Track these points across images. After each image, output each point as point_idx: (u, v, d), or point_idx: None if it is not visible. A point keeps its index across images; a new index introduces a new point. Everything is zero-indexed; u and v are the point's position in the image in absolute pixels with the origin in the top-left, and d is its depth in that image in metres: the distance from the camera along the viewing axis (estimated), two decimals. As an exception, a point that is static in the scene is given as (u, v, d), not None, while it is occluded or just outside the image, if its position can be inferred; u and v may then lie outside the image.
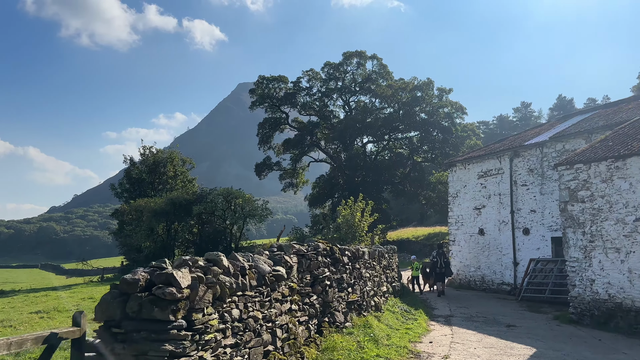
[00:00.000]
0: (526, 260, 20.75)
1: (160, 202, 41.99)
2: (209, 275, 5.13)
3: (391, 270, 16.40)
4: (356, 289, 10.59)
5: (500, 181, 22.41)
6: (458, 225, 24.60)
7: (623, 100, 22.22)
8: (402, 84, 55.28)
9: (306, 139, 58.94)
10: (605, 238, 13.40)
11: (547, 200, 20.15)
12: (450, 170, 25.62)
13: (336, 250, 9.63)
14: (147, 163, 53.94)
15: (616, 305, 13.07)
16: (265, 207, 39.30)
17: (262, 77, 58.55)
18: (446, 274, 21.02)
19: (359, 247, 11.33)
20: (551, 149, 20.10)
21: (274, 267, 6.92)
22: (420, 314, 14.19)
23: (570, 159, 14.65)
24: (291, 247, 7.93)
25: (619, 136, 14.72)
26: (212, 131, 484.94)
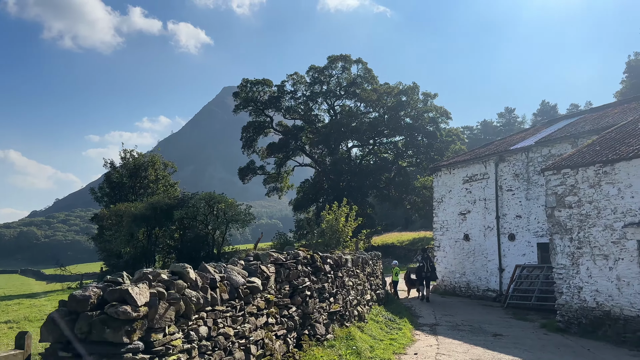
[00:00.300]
0: (512, 266, 20.49)
1: (140, 207, 41.17)
2: (172, 290, 4.62)
3: (375, 278, 15.97)
4: (338, 299, 10.12)
5: (486, 186, 22.17)
6: (443, 231, 24.29)
7: (608, 105, 22.17)
8: (387, 88, 55.16)
9: (291, 143, 58.47)
10: (593, 244, 13.13)
11: (532, 206, 19.93)
12: (435, 175, 25.34)
13: (317, 258, 9.16)
14: (127, 167, 52.99)
15: (604, 313, 12.79)
16: (248, 211, 38.68)
17: (245, 81, 57.96)
18: (431, 278, 20.77)
19: (341, 255, 10.87)
20: (537, 154, 19.90)
21: (248, 278, 6.42)
22: (405, 323, 13.76)
23: (557, 164, 14.39)
24: (268, 256, 7.44)
25: (606, 141, 14.51)
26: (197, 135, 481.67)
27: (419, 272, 20.67)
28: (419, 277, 20.68)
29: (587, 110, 22.30)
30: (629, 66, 56.36)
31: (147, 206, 40.94)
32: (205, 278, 5.34)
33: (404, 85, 55.56)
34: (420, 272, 20.56)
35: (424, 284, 20.48)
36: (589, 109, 22.31)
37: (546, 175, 14.74)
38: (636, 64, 55.51)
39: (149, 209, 40.42)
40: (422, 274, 20.43)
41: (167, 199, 41.54)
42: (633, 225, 12.09)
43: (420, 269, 20.53)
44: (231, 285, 5.91)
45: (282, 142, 58.87)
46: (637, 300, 12.03)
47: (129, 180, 52.69)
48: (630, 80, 54.40)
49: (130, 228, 40.72)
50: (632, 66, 55.61)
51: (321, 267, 9.25)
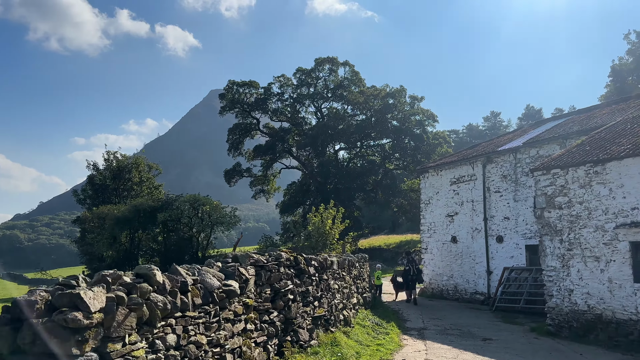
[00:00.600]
0: (500, 268, 20.22)
1: (123, 209, 40.37)
2: (135, 294, 4.14)
3: (362, 281, 15.55)
4: (323, 303, 9.68)
5: (473, 188, 21.90)
6: (430, 233, 23.97)
7: (596, 106, 22.05)
8: (374, 90, 54.91)
9: (277, 145, 57.91)
10: (584, 246, 12.85)
11: (521, 207, 19.68)
12: (423, 176, 25.04)
13: (301, 260, 8.71)
14: (111, 169, 52.06)
15: (596, 316, 12.50)
16: (233, 214, 38.08)
17: (232, 82, 57.30)
18: (417, 281, 20.79)
19: (327, 257, 10.43)
20: (525, 155, 19.67)
21: (225, 281, 5.95)
22: (393, 328, 13.35)
23: (547, 164, 14.12)
24: (248, 258, 6.97)
25: (596, 141, 14.28)
26: (183, 138, 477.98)
27: (405, 275, 20.77)
28: (405, 280, 20.71)
29: (575, 111, 22.18)
30: (614, 70, 56.80)
31: (130, 208, 40.16)
32: (175, 281, 4.86)
33: (391, 88, 55.38)
34: (407, 275, 20.66)
35: (411, 287, 20.50)
36: (576, 110, 22.19)
37: (535, 175, 14.46)
38: (620, 68, 55.99)
39: (132, 212, 39.64)
40: (408, 277, 20.50)
41: (150, 201, 40.75)
42: (625, 226, 11.82)
43: (407, 272, 20.66)
44: (205, 289, 5.44)
45: (269, 144, 58.30)
46: (629, 303, 11.76)
47: (112, 183, 51.77)
48: (614, 84, 54.84)
49: (112, 231, 39.91)
50: (617, 70, 56.07)
51: (305, 270, 8.80)
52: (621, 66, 56.76)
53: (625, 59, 57.78)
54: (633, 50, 56.72)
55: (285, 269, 7.97)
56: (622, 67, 56.51)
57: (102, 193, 51.86)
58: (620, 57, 59.24)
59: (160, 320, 4.38)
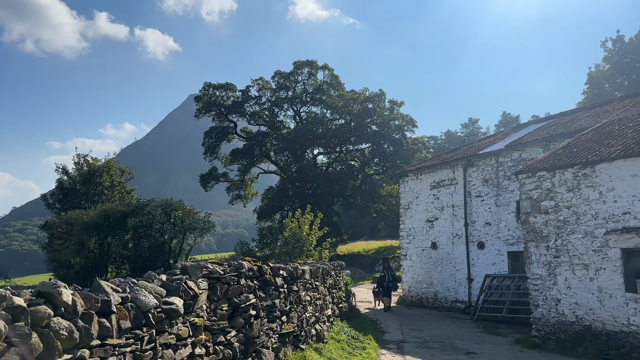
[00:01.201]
0: (481, 276, 19.51)
1: (92, 214, 38.74)
2: (23, 320, 3.11)
3: (338, 290, 14.61)
4: (292, 317, 8.69)
5: (454, 192, 21.20)
6: (410, 239, 23.19)
7: (579, 109, 21.62)
8: (353, 94, 54.30)
9: (255, 149, 56.78)
10: (572, 253, 12.14)
11: (503, 212, 19.01)
12: (402, 180, 24.28)
13: (266, 270, 7.73)
14: (81, 173, 50.27)
15: (585, 328, 11.77)
16: (207, 219, 36.78)
17: (208, 84, 56.04)
18: (393, 288, 20.42)
19: (297, 266, 9.46)
20: (507, 158, 19.04)
21: (166, 297, 4.94)
22: (370, 341, 12.42)
23: (532, 166, 13.42)
24: (200, 269, 5.96)
25: (582, 142, 13.64)
26: (161, 142, 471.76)
27: (381, 282, 20.36)
28: (380, 287, 20.31)
29: (557, 114, 21.72)
30: (590, 77, 57.21)
31: (99, 214, 38.55)
32: (92, 301, 3.84)
33: (371, 92, 54.85)
34: (382, 282, 20.23)
35: (386, 294, 20.08)
36: (559, 114, 21.73)
37: (520, 178, 13.75)
38: (597, 75, 56.41)
39: (102, 217, 38.06)
40: (384, 284, 20.07)
41: (121, 206, 39.21)
42: (616, 232, 11.14)
43: (382, 278, 20.25)
44: (137, 309, 4.42)
45: (246, 149, 57.13)
46: (620, 313, 11.05)
47: (83, 187, 49.97)
48: (592, 91, 55.16)
49: (80, 237, 38.26)
50: (594, 77, 56.49)
51: (271, 281, 7.81)
52: (597, 73, 57.19)
53: (602, 66, 58.24)
54: (609, 58, 57.17)
55: (247, 280, 6.98)
56: (598, 74, 56.93)
57: (71, 198, 50.03)
58: (597, 65, 59.70)
59: (62, 353, 3.36)
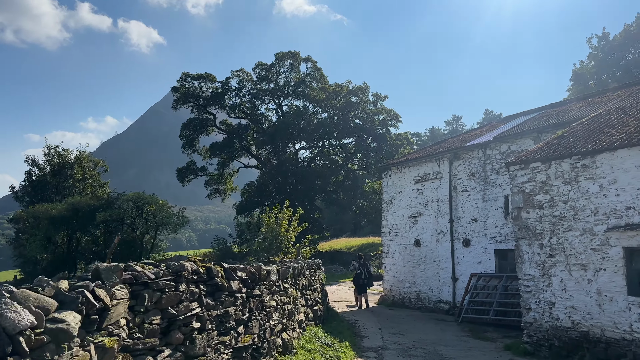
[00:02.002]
0: (466, 275, 18.43)
1: (60, 208, 36.92)
2: None
3: (313, 291, 13.33)
4: (252, 327, 7.39)
5: (439, 186, 20.06)
6: (392, 236, 22.02)
7: (571, 100, 20.64)
8: (336, 87, 53.00)
9: (235, 142, 55.15)
10: (569, 252, 11.03)
11: (490, 208, 17.92)
12: (385, 174, 23.08)
13: (218, 272, 6.41)
14: (51, 164, 48.21)
15: (582, 334, 10.68)
16: (181, 214, 35.26)
17: (186, 74, 54.21)
18: (368, 285, 19.97)
19: (261, 266, 8.15)
20: (495, 151, 17.94)
21: (55, 313, 3.60)
22: (346, 348, 11.18)
23: (526, 157, 12.28)
24: (117, 272, 4.62)
25: (579, 132, 12.55)
26: (142, 137, 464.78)
27: (357, 279, 19.90)
28: (356, 284, 19.92)
29: (547, 106, 20.70)
30: (575, 74, 56.79)
31: (67, 207, 36.76)
32: None
33: (354, 85, 53.60)
34: (358, 279, 19.82)
35: (362, 291, 19.80)
36: (549, 105, 20.71)
37: (512, 170, 12.61)
38: (582, 71, 55.99)
39: (70, 211, 36.28)
40: (360, 281, 19.69)
41: (90, 199, 37.44)
42: (618, 229, 10.04)
43: (358, 275, 19.81)
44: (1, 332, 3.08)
45: (226, 142, 55.44)
46: (622, 319, 9.97)
47: (53, 179, 47.93)
48: (576, 87, 54.68)
49: (47, 231, 36.44)
50: (578, 74, 56.06)
51: (223, 285, 6.50)
52: (582, 70, 56.77)
53: (587, 63, 57.86)
54: (594, 55, 56.81)
55: (189, 286, 5.66)
56: (583, 70, 56.52)
57: (41, 190, 47.96)
58: (582, 61, 59.36)
59: None
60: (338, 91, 52.38)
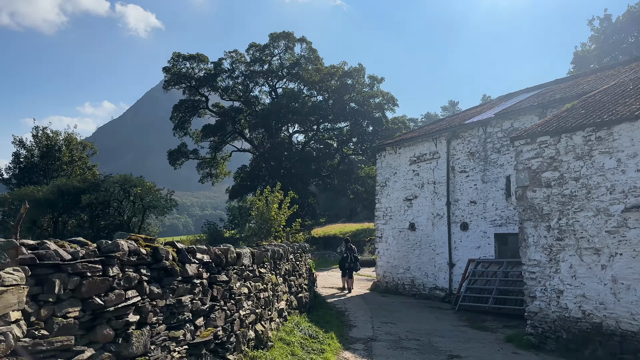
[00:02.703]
0: (464, 261, 17.38)
1: (45, 190, 35.68)
2: None
3: (298, 277, 12.24)
4: (216, 319, 6.27)
5: (436, 167, 18.93)
6: (386, 219, 20.93)
7: (578, 75, 19.44)
8: (331, 68, 51.54)
9: (228, 125, 53.77)
10: (580, 235, 9.94)
11: (490, 190, 16.81)
12: (379, 155, 21.92)
13: (167, 253, 5.27)
14: (39, 146, 46.81)
15: (593, 326, 9.63)
16: (169, 197, 34.08)
17: (177, 54, 52.62)
18: (354, 269, 19.95)
19: (229, 247, 7.02)
20: (497, 129, 16.78)
21: None
22: (331, 340, 10.11)
23: (532, 130, 11.12)
24: (9, 249, 3.47)
25: (592, 104, 11.39)
26: (139, 121, 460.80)
27: (342, 263, 19.92)
28: (342, 268, 19.92)
29: (551, 82, 19.50)
30: (577, 56, 55.48)
31: (52, 189, 35.49)
32: None
33: (350, 67, 52.16)
34: (343, 263, 19.82)
35: (349, 276, 19.84)
36: (553, 80, 19.50)
37: (516, 146, 11.47)
38: (583, 54, 54.71)
39: (55, 193, 35.02)
40: (346, 265, 19.71)
41: (76, 181, 36.19)
42: (637, 209, 8.93)
43: (344, 259, 19.81)
44: None
45: (219, 124, 54.09)
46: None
47: (41, 161, 46.58)
48: (577, 70, 53.37)
49: (31, 214, 35.19)
50: (580, 57, 54.77)
51: (175, 269, 5.36)
52: (584, 52, 55.45)
53: (589, 46, 56.51)
54: (596, 37, 55.45)
55: (124, 269, 4.52)
56: (585, 53, 55.19)
57: (28, 173, 46.63)
58: (583, 44, 58.04)
59: None
60: (333, 72, 50.95)
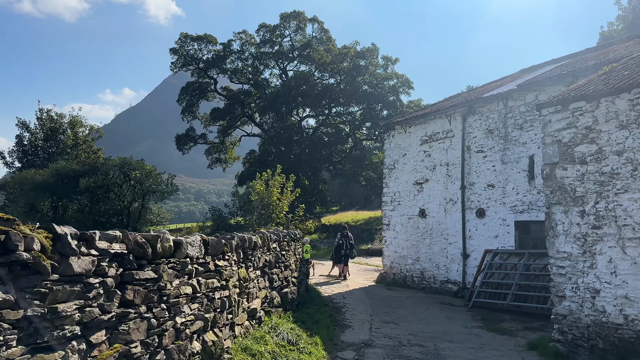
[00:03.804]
0: (480, 251, 15.49)
1: (43, 174, 34.56)
2: None
3: (283, 269, 10.52)
4: (129, 331, 4.58)
5: (449, 147, 16.99)
6: (394, 205, 19.09)
7: (611, 42, 17.29)
8: (343, 49, 49.38)
9: (237, 108, 52.12)
10: (623, 222, 8.02)
11: (510, 172, 14.83)
12: (388, 135, 20.03)
13: (32, 240, 3.56)
14: (44, 128, 45.75)
15: (638, 334, 7.75)
16: (170, 182, 32.60)
17: (185, 35, 50.99)
18: (350, 256, 19.57)
19: (162, 235, 5.31)
20: (519, 102, 14.74)
21: None
22: (315, 347, 8.39)
23: (565, 96, 9.16)
24: None
25: (635, 65, 9.36)
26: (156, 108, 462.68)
27: (338, 250, 19.35)
28: (338, 255, 19.36)
29: (581, 51, 17.35)
30: (602, 37, 52.21)
31: (51, 173, 34.32)
32: None
33: (362, 47, 49.91)
34: (339, 250, 19.27)
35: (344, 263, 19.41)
36: (583, 50, 17.37)
37: (544, 115, 9.51)
38: (610, 34, 51.58)
39: (54, 177, 33.83)
40: (341, 252, 19.16)
41: (75, 164, 34.95)
42: (703, 189, 6.97)
43: (339, 246, 19.24)
44: None
45: (227, 108, 52.47)
46: (702, 317, 6.99)
47: (44, 144, 45.55)
48: (604, 51, 50.54)
49: (29, 198, 34.12)
50: (606, 37, 51.52)
51: (43, 265, 3.64)
52: (611, 32, 52.28)
53: (616, 25, 53.34)
54: (624, 17, 52.29)
55: None
56: (611, 33, 52.01)
57: (32, 156, 45.68)
58: (610, 23, 54.80)
59: None
60: (345, 53, 48.81)
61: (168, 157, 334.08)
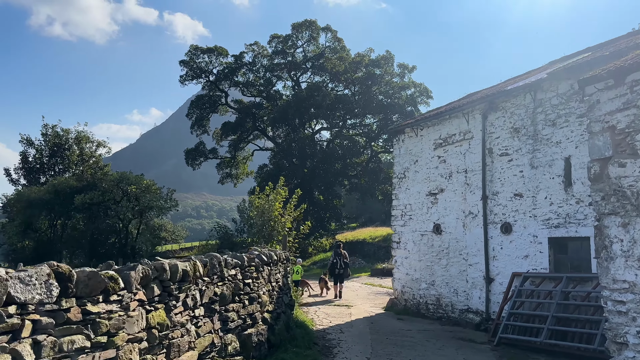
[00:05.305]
0: (506, 275, 12.83)
1: (41, 191, 33.06)
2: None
3: (248, 303, 8.12)
4: None
5: (468, 150, 14.46)
6: (405, 220, 16.56)
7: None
8: (356, 57, 47.24)
9: (248, 122, 50.31)
10: None
11: (542, 177, 12.22)
12: (396, 140, 17.61)
13: None
14: (48, 144, 44.60)
15: None
16: (170, 197, 30.65)
17: (195, 47, 49.65)
18: (344, 276, 18.74)
19: None
20: (551, 93, 12.20)
21: None
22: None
23: (619, 66, 6.67)
24: None
25: None
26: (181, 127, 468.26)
27: (332, 269, 18.59)
28: (332, 274, 18.66)
29: (622, 35, 14.76)
30: (635, 39, 49.46)
31: (48, 189, 32.75)
32: None
33: (377, 55, 47.69)
34: (333, 270, 18.51)
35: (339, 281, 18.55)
36: (625, 34, 14.77)
37: (589, 94, 7.01)
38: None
39: (51, 193, 32.24)
40: (335, 272, 18.43)
41: (72, 180, 33.34)
42: None
43: (333, 265, 18.48)
44: None
45: (239, 121, 50.70)
46: None
47: (50, 161, 44.36)
48: (637, 54, 47.45)
49: (25, 216, 32.57)
50: (639, 39, 48.72)
51: None
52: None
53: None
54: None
55: None
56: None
57: (35, 172, 44.52)
58: (642, 25, 51.70)
59: None
60: (359, 61, 46.64)
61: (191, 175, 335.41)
